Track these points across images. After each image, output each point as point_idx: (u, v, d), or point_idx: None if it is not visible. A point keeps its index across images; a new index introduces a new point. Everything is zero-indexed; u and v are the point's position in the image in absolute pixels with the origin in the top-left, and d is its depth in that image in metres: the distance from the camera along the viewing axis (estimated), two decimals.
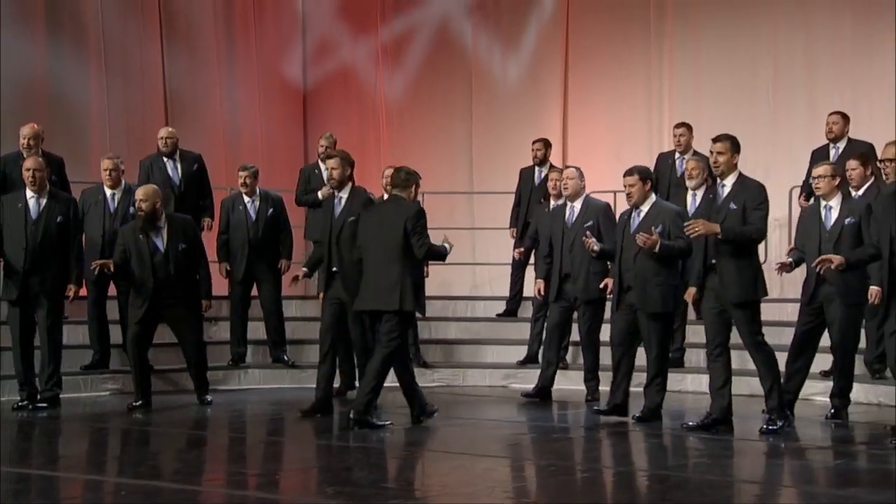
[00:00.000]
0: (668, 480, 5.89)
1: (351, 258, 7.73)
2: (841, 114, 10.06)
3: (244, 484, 5.85)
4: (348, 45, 14.39)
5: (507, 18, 13.66)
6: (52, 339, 8.45)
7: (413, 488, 5.66)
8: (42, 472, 6.07)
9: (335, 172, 8.00)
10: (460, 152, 13.63)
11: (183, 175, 10.32)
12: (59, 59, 12.15)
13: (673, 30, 12.70)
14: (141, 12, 12.87)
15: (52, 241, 8.39)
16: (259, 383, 10.26)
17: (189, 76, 13.17)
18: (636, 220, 7.64)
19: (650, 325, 7.52)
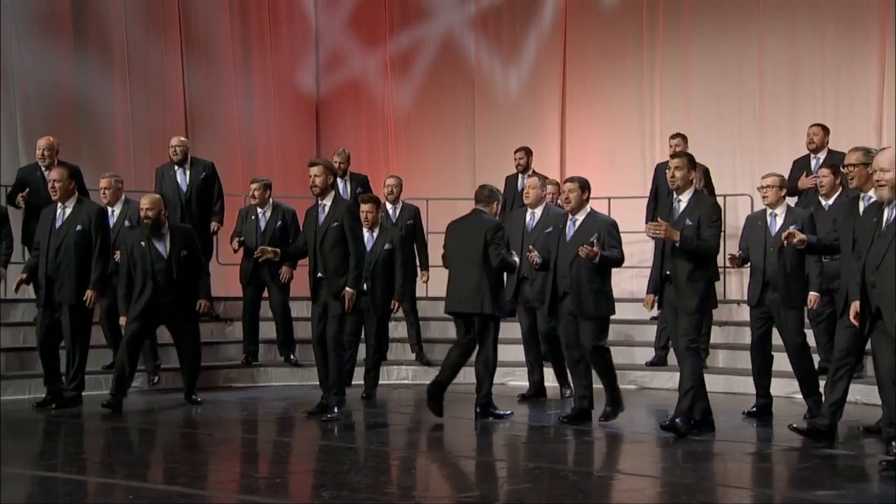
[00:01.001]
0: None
1: (336, 262, 7.71)
2: (821, 126, 10.01)
3: (248, 488, 5.80)
4: (358, 58, 14.38)
5: (508, 33, 13.63)
6: (74, 342, 8.39)
7: (410, 494, 5.56)
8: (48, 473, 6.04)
9: (318, 180, 7.83)
10: (463, 159, 13.61)
11: (190, 182, 10.30)
12: (85, 72, 12.14)
13: (664, 45, 12.67)
14: (162, 27, 12.86)
15: (72, 249, 8.34)
16: (270, 381, 10.27)
17: (207, 87, 13.16)
18: (571, 228, 7.59)
19: (587, 327, 7.47)
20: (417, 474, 6.15)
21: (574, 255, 7.42)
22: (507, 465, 6.37)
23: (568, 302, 7.51)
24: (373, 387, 9.33)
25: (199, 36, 13.19)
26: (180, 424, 8.01)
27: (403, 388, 10.27)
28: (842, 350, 6.60)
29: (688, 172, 7.13)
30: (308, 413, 7.99)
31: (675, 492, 5.58)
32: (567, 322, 7.58)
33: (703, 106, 12.34)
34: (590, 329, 7.48)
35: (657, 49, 12.68)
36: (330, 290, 7.76)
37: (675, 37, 12.58)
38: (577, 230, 7.56)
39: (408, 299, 10.32)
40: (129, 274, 8.50)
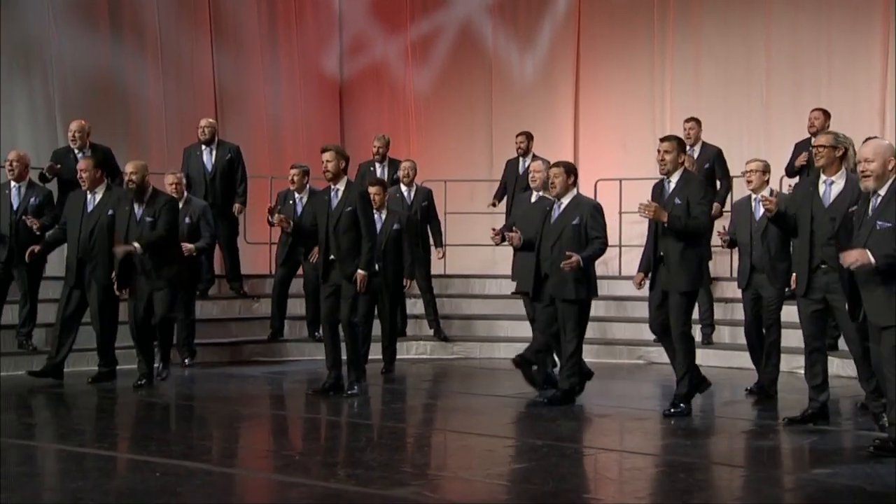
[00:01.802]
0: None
1: (349, 245, 7.70)
2: (822, 110, 9.97)
3: (269, 465, 5.83)
4: (380, 43, 14.32)
5: (524, 19, 13.55)
6: (102, 321, 8.45)
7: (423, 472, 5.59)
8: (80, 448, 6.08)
9: (330, 165, 7.80)
10: (480, 142, 13.56)
11: (216, 163, 10.33)
12: (119, 57, 12.15)
13: (674, 30, 12.57)
14: (193, 14, 12.85)
15: (105, 232, 8.37)
16: (295, 355, 10.32)
17: (236, 72, 13.15)
18: (556, 212, 7.51)
19: (566, 311, 7.40)
20: (431, 452, 6.17)
21: (556, 237, 7.37)
22: (517, 442, 6.37)
23: (549, 285, 7.42)
24: (390, 362, 9.35)
25: (228, 22, 13.17)
26: (209, 399, 8.04)
27: (422, 363, 10.32)
28: (809, 335, 6.60)
29: (677, 156, 7.03)
30: (314, 391, 7.99)
31: (674, 470, 5.59)
32: (546, 301, 7.49)
33: (712, 90, 12.25)
34: (571, 312, 7.39)
35: (668, 36, 12.59)
36: (342, 272, 7.73)
37: (686, 24, 12.48)
38: (561, 213, 7.47)
39: (423, 277, 10.36)
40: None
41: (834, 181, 6.46)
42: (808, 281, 6.46)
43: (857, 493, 5.06)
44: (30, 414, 7.76)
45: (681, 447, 6.18)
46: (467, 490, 5.18)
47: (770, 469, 5.72)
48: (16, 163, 8.96)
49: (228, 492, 5.10)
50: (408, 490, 4.96)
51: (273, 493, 5.14)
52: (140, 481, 5.18)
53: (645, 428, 6.87)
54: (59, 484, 5.15)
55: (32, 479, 5.33)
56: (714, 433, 6.71)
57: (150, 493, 4.91)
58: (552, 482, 5.21)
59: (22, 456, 5.98)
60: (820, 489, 5.19)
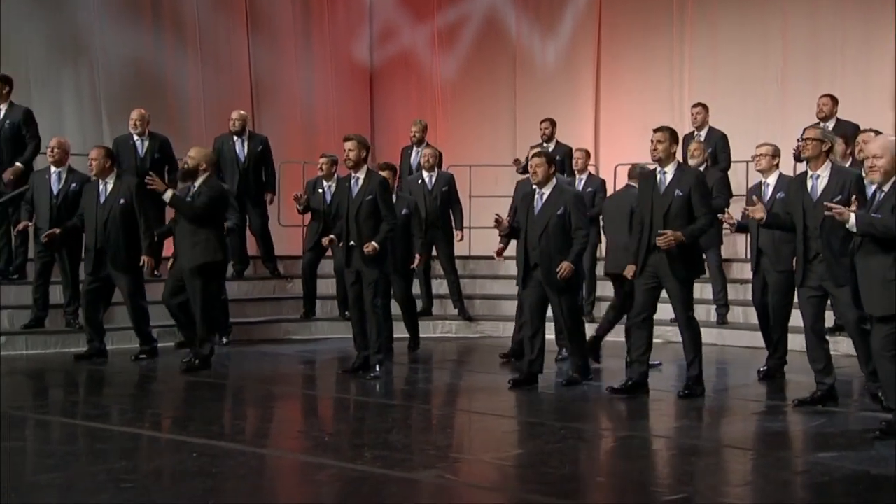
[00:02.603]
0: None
1: (369, 232, 7.69)
2: (830, 96, 9.91)
3: (298, 446, 5.86)
4: (408, 31, 14.29)
5: (547, 8, 13.45)
6: (132, 306, 8.56)
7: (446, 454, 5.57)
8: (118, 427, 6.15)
9: (352, 154, 7.75)
10: (504, 128, 13.49)
11: (248, 153, 10.36)
12: (161, 49, 12.22)
13: (693, 18, 12.43)
14: (230, 7, 12.89)
15: (118, 221, 8.42)
16: (326, 333, 10.37)
17: (270, 62, 13.16)
18: (539, 202, 7.39)
19: (558, 299, 7.35)
20: (453, 434, 6.17)
21: (543, 227, 7.29)
22: (536, 424, 6.34)
23: (538, 273, 7.36)
24: (414, 339, 9.27)
25: (263, 14, 13.18)
26: (244, 379, 8.09)
27: (447, 341, 10.35)
28: (809, 322, 6.63)
29: (669, 145, 6.93)
30: (344, 371, 8.04)
31: (685, 453, 5.59)
32: (536, 292, 7.42)
33: (729, 76, 12.12)
34: (564, 301, 7.34)
35: (686, 23, 12.45)
36: (363, 258, 7.73)
37: (704, 11, 12.35)
38: (544, 203, 7.36)
39: (447, 260, 10.36)
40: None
41: (819, 175, 6.51)
42: (804, 271, 6.51)
43: (861, 477, 5.02)
44: (75, 392, 7.88)
45: (694, 429, 6.20)
46: (486, 473, 5.18)
47: (778, 452, 5.68)
48: (56, 149, 9.02)
49: (260, 473, 5.13)
50: (430, 473, 4.99)
51: (303, 475, 5.16)
52: (178, 462, 5.23)
53: (660, 409, 6.83)
54: (102, 464, 5.19)
55: (77, 458, 5.41)
56: (726, 415, 6.69)
57: (187, 475, 4.96)
58: (568, 465, 5.22)
59: (66, 434, 6.09)
60: (826, 473, 5.15)
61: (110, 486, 4.72)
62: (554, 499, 4.60)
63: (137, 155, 9.93)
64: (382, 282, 7.96)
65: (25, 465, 5.28)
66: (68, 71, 11.48)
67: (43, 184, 8.99)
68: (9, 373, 8.36)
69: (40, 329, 9.27)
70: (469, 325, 10.68)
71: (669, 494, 4.71)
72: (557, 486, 4.84)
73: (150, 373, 8.37)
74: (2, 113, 9.41)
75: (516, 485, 4.95)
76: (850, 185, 6.41)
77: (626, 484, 4.98)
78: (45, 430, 6.27)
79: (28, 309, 9.30)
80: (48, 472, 5.01)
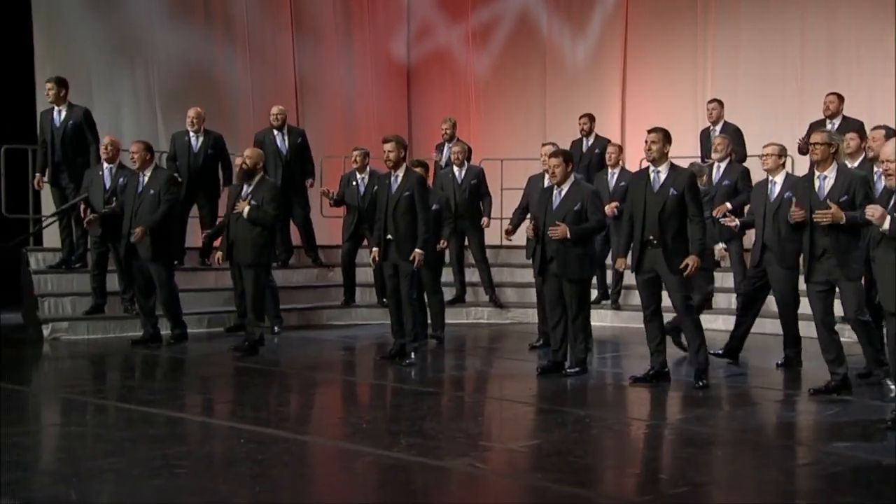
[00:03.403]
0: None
1: (406, 227, 7.75)
2: (837, 94, 9.84)
3: (337, 433, 5.91)
4: (444, 30, 14.27)
5: (577, 8, 13.38)
6: (163, 293, 8.68)
7: (476, 442, 5.60)
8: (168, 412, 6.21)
9: (391, 154, 7.82)
10: (535, 123, 13.44)
11: (289, 146, 10.43)
12: (212, 49, 12.32)
13: (715, 19, 12.33)
14: (276, 8, 12.95)
15: (147, 211, 8.55)
16: (365, 319, 10.45)
17: (314, 60, 13.22)
18: (557, 198, 7.38)
19: (571, 290, 7.32)
20: (484, 422, 6.18)
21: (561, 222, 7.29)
22: (562, 412, 6.33)
23: (554, 265, 7.35)
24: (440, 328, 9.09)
25: (307, 14, 13.21)
26: (290, 366, 8.14)
27: (479, 327, 10.41)
28: (817, 314, 6.63)
29: (663, 146, 6.90)
30: (382, 357, 8.10)
31: (704, 442, 5.57)
32: (552, 283, 7.42)
33: (750, 74, 12.01)
34: (575, 291, 7.34)
35: (709, 24, 12.35)
36: (399, 252, 7.80)
37: (726, 11, 12.23)
38: (562, 199, 7.35)
39: (478, 249, 10.39)
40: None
41: (827, 176, 6.54)
42: (810, 267, 6.55)
43: (872, 468, 4.99)
44: (131, 376, 7.99)
45: (711, 418, 6.14)
46: (513, 461, 5.20)
47: (792, 441, 5.67)
48: (109, 146, 9.14)
49: (303, 460, 5.19)
50: (461, 461, 5.01)
51: (342, 462, 5.19)
52: (228, 448, 5.30)
53: (679, 397, 6.80)
54: (158, 450, 5.23)
55: (133, 443, 5.44)
56: (743, 404, 6.65)
57: (236, 461, 5.01)
58: (589, 455, 5.23)
59: (123, 419, 6.15)
60: (838, 463, 5.12)
61: (164, 472, 4.78)
62: (575, 488, 4.62)
63: (192, 150, 10.06)
64: (418, 275, 8.03)
65: (85, 450, 5.37)
66: (125, 71, 11.57)
67: (96, 180, 9.12)
68: (71, 356, 8.54)
69: (100, 315, 9.43)
70: (500, 311, 10.71)
71: (683, 485, 4.70)
72: (580, 475, 4.86)
73: (202, 357, 8.46)
74: (62, 115, 9.53)
75: (541, 474, 4.95)
76: (855, 185, 6.44)
77: (644, 474, 4.99)
78: (104, 415, 6.37)
79: (89, 296, 9.45)
80: (107, 458, 5.08)
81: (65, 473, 4.79)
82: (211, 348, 8.92)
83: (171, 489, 4.56)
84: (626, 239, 7.06)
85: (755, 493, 4.60)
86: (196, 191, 10.04)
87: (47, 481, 4.66)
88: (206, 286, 10.28)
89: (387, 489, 4.69)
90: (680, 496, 4.49)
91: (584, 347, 7.44)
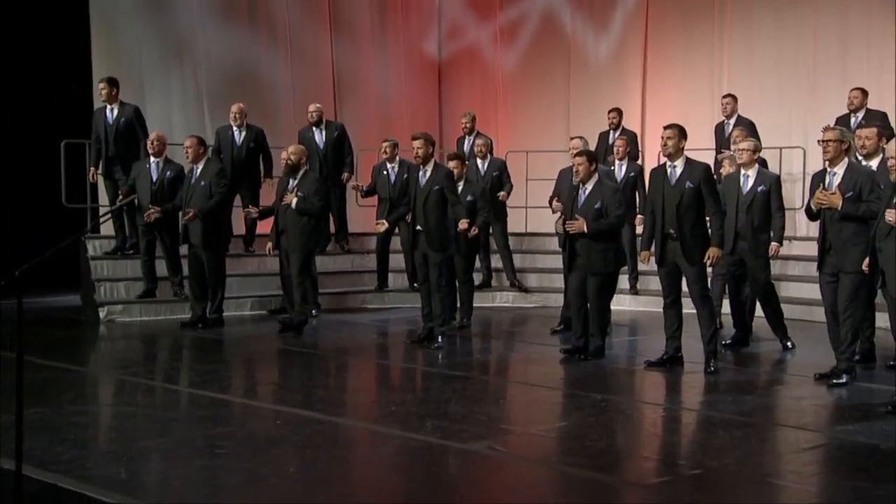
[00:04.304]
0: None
1: (435, 219, 7.78)
2: (861, 89, 9.69)
3: (368, 415, 5.93)
4: (473, 28, 14.17)
5: (599, 7, 13.23)
6: (212, 278, 8.77)
7: (497, 425, 5.61)
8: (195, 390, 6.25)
9: (420, 151, 7.83)
10: (559, 116, 13.33)
11: (326, 141, 10.45)
12: (256, 49, 12.33)
13: (732, 17, 12.16)
14: (316, 9, 12.92)
15: (198, 200, 8.64)
16: (397, 303, 10.47)
17: (351, 57, 13.19)
18: (582, 196, 7.34)
19: (594, 282, 7.29)
20: (505, 405, 6.17)
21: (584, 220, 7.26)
22: (579, 396, 6.33)
23: (580, 260, 7.32)
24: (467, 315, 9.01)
25: (344, 15, 13.18)
26: (326, 349, 8.15)
27: (504, 311, 10.40)
28: (827, 304, 6.60)
29: (678, 141, 6.83)
30: (412, 341, 8.13)
31: (713, 426, 5.55)
32: (577, 274, 7.38)
33: (764, 69, 11.82)
34: (597, 283, 7.30)
35: (726, 21, 12.17)
36: (429, 242, 7.82)
37: (742, 10, 12.03)
38: (586, 197, 7.32)
39: (501, 237, 10.39)
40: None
41: (836, 172, 6.47)
42: (821, 259, 6.55)
43: (871, 451, 4.96)
44: (179, 358, 8.08)
45: (721, 403, 6.09)
46: (530, 445, 5.21)
47: (797, 426, 5.59)
48: (156, 142, 9.22)
49: (335, 442, 5.19)
50: (482, 444, 5.02)
51: (371, 445, 5.20)
52: (266, 429, 5.35)
53: (691, 382, 6.76)
54: (201, 430, 5.31)
55: (179, 424, 5.56)
56: (751, 389, 6.57)
57: (271, 442, 5.07)
58: (605, 439, 5.23)
59: (171, 401, 6.25)
60: (839, 447, 5.12)
61: (206, 452, 4.85)
62: (591, 472, 4.62)
63: (235, 144, 10.12)
64: (446, 263, 8.04)
65: (136, 430, 5.45)
66: (175, 70, 11.65)
67: (144, 172, 9.22)
68: (125, 337, 8.67)
69: (152, 299, 9.55)
70: (524, 296, 10.70)
71: (694, 468, 4.70)
72: (595, 458, 4.85)
73: (245, 339, 8.53)
74: (114, 112, 9.63)
75: (558, 458, 4.97)
76: (861, 181, 6.38)
77: (653, 457, 4.98)
78: (153, 396, 6.47)
79: (141, 281, 9.57)
80: (155, 438, 5.16)
81: (116, 453, 4.87)
82: (253, 330, 9.00)
83: (213, 469, 4.63)
84: (649, 232, 7.02)
85: (760, 477, 4.58)
86: (239, 182, 10.09)
87: (101, 460, 4.73)
88: (250, 271, 10.36)
89: (411, 471, 4.70)
90: (693, 479, 4.49)
91: (602, 336, 7.44)
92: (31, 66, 11.98)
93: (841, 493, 4.39)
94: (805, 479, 4.59)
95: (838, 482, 4.60)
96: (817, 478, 4.69)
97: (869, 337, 7.29)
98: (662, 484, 4.48)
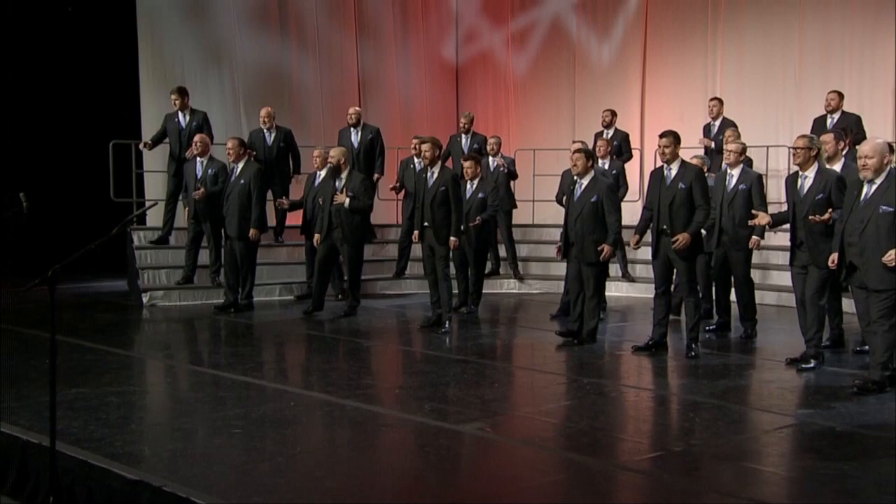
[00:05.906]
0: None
1: (440, 216, 7.86)
2: (837, 92, 9.58)
3: (374, 399, 5.92)
4: (488, 34, 14.14)
5: (602, 15, 13.14)
6: (243, 264, 8.87)
7: (489, 407, 5.62)
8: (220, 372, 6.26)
9: (427, 153, 7.92)
10: (565, 116, 13.31)
11: (361, 142, 10.48)
12: (287, 54, 12.36)
13: (724, 26, 12.05)
14: (342, 16, 12.92)
15: (236, 196, 8.80)
16: (414, 290, 10.52)
17: (375, 62, 13.20)
18: (578, 190, 7.33)
19: (588, 271, 7.31)
20: (499, 388, 6.16)
21: (579, 212, 7.25)
22: (567, 380, 6.36)
23: (575, 250, 7.36)
24: (476, 301, 9.07)
25: (369, 21, 13.19)
26: (344, 333, 8.16)
27: (510, 297, 10.43)
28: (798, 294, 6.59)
29: (674, 148, 6.86)
30: (421, 327, 8.18)
31: (685, 408, 5.56)
32: (575, 264, 7.43)
33: (753, 72, 11.76)
34: (591, 273, 7.33)
35: (719, 29, 12.09)
36: (435, 237, 7.93)
37: (733, 19, 11.95)
38: (582, 191, 7.31)
39: (506, 229, 10.40)
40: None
41: (807, 175, 6.46)
42: (792, 254, 6.57)
43: (825, 434, 4.93)
44: (210, 341, 8.15)
45: (696, 386, 6.07)
46: (519, 427, 5.21)
47: (764, 409, 5.57)
48: (199, 143, 9.32)
49: (340, 423, 5.20)
50: (474, 426, 5.02)
51: (372, 426, 5.18)
52: (279, 410, 5.35)
53: (674, 366, 6.76)
54: (220, 411, 5.34)
55: (202, 404, 5.56)
56: (726, 374, 6.53)
57: (282, 422, 5.09)
58: (586, 419, 5.22)
59: (197, 382, 6.27)
60: (798, 430, 5.09)
61: (223, 432, 4.89)
62: (574, 454, 4.63)
63: (266, 144, 10.20)
64: (448, 255, 8.13)
65: (163, 410, 5.54)
66: (214, 73, 11.72)
67: (190, 170, 9.33)
68: (165, 320, 8.80)
69: (190, 285, 9.68)
70: (529, 283, 10.72)
71: (673, 446, 4.71)
72: (575, 439, 4.88)
73: (271, 324, 8.57)
74: (187, 118, 9.79)
75: (543, 437, 4.96)
76: (830, 184, 6.36)
77: (629, 438, 4.99)
78: (181, 378, 6.56)
79: (181, 269, 9.70)
80: (178, 418, 5.24)
81: (142, 432, 4.96)
82: (280, 315, 9.06)
83: (227, 447, 4.69)
84: (644, 224, 7.09)
85: (725, 456, 4.57)
86: (270, 178, 10.16)
87: (129, 438, 4.79)
88: (280, 260, 10.46)
89: (404, 452, 4.75)
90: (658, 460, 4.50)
91: (595, 322, 7.44)
92: (82, 73, 12.14)
93: (793, 471, 4.40)
94: (763, 460, 4.59)
95: (794, 462, 4.59)
96: (775, 458, 4.67)
97: (838, 324, 7.26)
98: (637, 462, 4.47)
